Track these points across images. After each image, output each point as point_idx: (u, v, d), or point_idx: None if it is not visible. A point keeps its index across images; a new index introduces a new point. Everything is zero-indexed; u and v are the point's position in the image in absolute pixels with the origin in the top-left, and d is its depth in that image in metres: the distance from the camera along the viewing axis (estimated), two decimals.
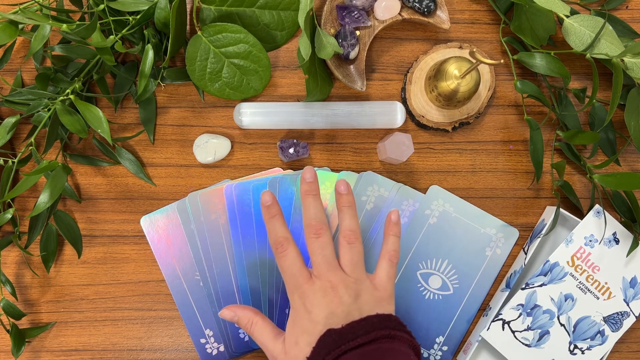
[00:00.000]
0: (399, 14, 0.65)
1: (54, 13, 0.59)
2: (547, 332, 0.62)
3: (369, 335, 0.50)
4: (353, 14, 0.63)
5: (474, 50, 0.60)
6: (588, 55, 0.61)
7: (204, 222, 0.64)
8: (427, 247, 0.65)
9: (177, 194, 0.66)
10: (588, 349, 0.61)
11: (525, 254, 0.64)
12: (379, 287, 0.54)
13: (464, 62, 0.60)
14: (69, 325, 0.65)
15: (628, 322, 0.62)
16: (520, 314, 0.62)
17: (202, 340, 0.64)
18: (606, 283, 0.62)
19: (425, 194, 0.66)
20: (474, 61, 0.58)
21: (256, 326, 0.55)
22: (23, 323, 0.64)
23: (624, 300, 0.62)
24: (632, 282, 0.62)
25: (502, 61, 0.56)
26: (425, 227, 0.65)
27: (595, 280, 0.62)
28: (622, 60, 0.60)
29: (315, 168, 0.65)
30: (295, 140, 0.65)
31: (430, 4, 0.64)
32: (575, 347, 0.62)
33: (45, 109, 0.60)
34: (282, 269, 0.54)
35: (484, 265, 0.65)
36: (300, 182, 0.57)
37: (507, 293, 0.63)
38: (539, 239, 0.63)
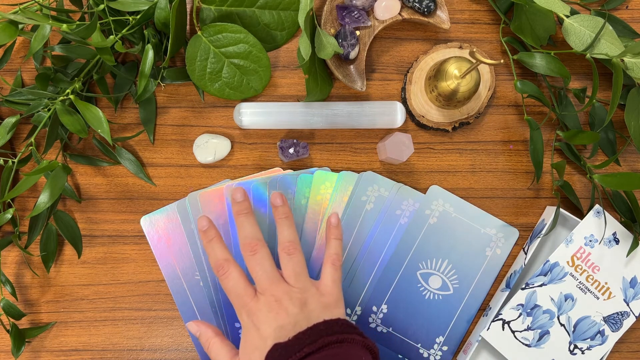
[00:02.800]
0: (399, 14, 0.65)
1: (54, 13, 0.59)
2: (547, 332, 0.62)
3: (316, 343, 0.50)
4: (353, 14, 0.63)
5: (474, 50, 0.60)
6: (588, 55, 0.61)
7: None
8: (427, 247, 0.65)
9: (177, 194, 0.66)
10: (588, 349, 0.61)
11: (525, 254, 0.64)
12: (325, 293, 0.55)
13: (464, 62, 0.60)
14: (69, 325, 0.65)
15: (628, 322, 0.62)
16: (520, 314, 0.62)
17: None
18: (606, 283, 0.62)
19: (425, 194, 0.66)
20: (474, 61, 0.58)
21: (214, 346, 0.55)
22: (23, 323, 0.64)
23: (624, 300, 0.62)
24: (632, 282, 0.62)
25: (502, 61, 0.56)
26: (425, 227, 0.65)
27: (595, 280, 0.62)
28: (622, 60, 0.60)
29: (316, 168, 0.65)
30: (295, 140, 0.65)
31: (430, 4, 0.64)
32: (575, 347, 0.62)
33: (45, 109, 0.60)
34: (227, 289, 0.55)
35: (484, 265, 0.65)
36: (231, 203, 0.58)
37: (507, 293, 0.63)
38: (539, 239, 0.63)
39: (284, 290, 0.53)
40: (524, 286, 0.62)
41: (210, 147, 0.65)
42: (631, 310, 0.62)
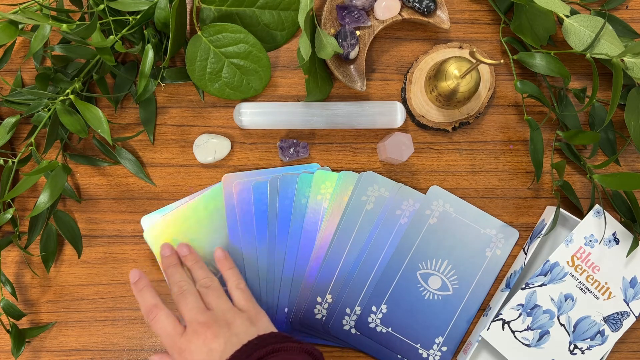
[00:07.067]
0: (399, 14, 0.65)
1: (54, 13, 0.59)
2: (547, 332, 0.62)
3: (251, 357, 0.51)
4: (353, 14, 0.63)
5: (474, 50, 0.60)
6: (588, 55, 0.61)
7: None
8: (427, 248, 0.65)
9: (177, 194, 0.66)
10: (588, 349, 0.61)
11: (525, 254, 0.64)
12: (245, 309, 0.57)
13: (464, 62, 0.60)
14: (69, 325, 0.65)
15: (628, 322, 0.62)
16: (520, 314, 0.62)
17: None
18: (606, 283, 0.62)
19: (425, 194, 0.66)
20: (474, 61, 0.58)
21: None
22: (23, 323, 0.64)
23: (624, 300, 0.62)
24: (632, 282, 0.62)
25: (502, 61, 0.56)
26: (425, 227, 0.65)
27: (595, 280, 0.62)
28: (622, 60, 0.60)
29: (316, 164, 0.65)
30: (295, 140, 0.65)
31: (430, 4, 0.63)
32: (575, 347, 0.62)
33: (45, 109, 0.60)
34: (158, 333, 0.56)
35: (484, 265, 0.65)
36: (161, 258, 0.62)
37: (507, 293, 0.63)
38: (539, 239, 0.63)
39: (208, 315, 0.55)
40: (524, 286, 0.62)
41: (210, 147, 0.65)
42: (631, 310, 0.62)
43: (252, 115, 0.64)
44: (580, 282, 0.62)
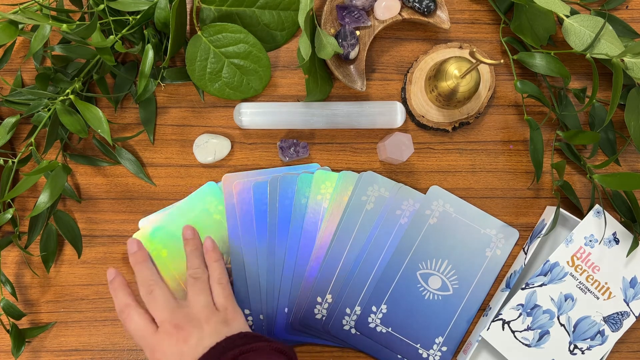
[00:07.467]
0: (399, 14, 0.65)
1: (54, 13, 0.59)
2: (547, 332, 0.62)
3: None
4: (353, 14, 0.63)
5: (474, 50, 0.60)
6: (588, 55, 0.61)
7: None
8: (427, 248, 0.65)
9: (177, 194, 0.66)
10: (588, 349, 0.61)
11: (525, 254, 0.64)
12: (221, 309, 0.57)
13: (464, 62, 0.60)
14: (69, 325, 0.65)
15: (628, 322, 0.62)
16: (520, 314, 0.62)
17: None
18: (606, 283, 0.62)
19: (425, 194, 0.66)
20: (474, 61, 0.58)
21: None
22: (23, 323, 0.64)
23: (624, 300, 0.62)
24: (632, 282, 0.62)
25: (502, 61, 0.56)
26: (425, 227, 0.65)
27: (595, 280, 0.62)
28: (622, 60, 0.60)
29: (316, 164, 0.65)
30: (295, 140, 0.65)
31: (430, 4, 0.63)
32: (575, 347, 0.62)
33: (45, 109, 0.60)
34: (131, 332, 0.56)
35: (484, 265, 0.65)
36: (128, 254, 0.60)
37: (507, 293, 0.63)
38: (539, 239, 0.63)
39: (182, 314, 0.55)
40: (524, 286, 0.62)
41: (210, 147, 0.65)
42: (631, 310, 0.62)
43: (252, 115, 0.64)
44: (580, 282, 0.62)
